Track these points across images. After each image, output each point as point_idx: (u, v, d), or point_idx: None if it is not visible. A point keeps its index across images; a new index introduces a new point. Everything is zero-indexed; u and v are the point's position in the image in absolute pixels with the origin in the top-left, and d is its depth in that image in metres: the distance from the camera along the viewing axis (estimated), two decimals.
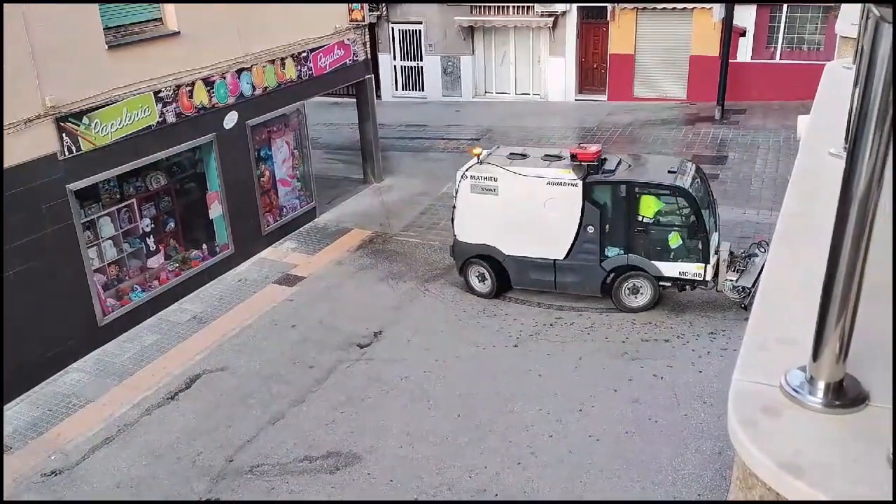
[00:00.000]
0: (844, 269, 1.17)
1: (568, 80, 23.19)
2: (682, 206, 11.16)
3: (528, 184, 11.52)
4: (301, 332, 12.03)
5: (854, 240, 1.14)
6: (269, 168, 15.01)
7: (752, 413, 1.24)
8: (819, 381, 1.25)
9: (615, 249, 11.60)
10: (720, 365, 10.32)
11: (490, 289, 12.42)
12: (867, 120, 1.08)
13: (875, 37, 1.05)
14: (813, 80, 18.78)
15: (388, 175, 18.22)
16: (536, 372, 10.55)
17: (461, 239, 12.35)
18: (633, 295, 11.78)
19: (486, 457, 9.06)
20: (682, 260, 11.29)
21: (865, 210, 1.12)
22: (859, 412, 1.22)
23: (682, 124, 20.29)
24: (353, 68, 16.65)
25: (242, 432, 9.81)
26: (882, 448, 1.14)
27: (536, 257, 11.91)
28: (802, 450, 1.16)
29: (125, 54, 11.56)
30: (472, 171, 11.85)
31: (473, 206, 11.95)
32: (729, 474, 8.48)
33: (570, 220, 11.54)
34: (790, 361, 1.35)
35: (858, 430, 1.19)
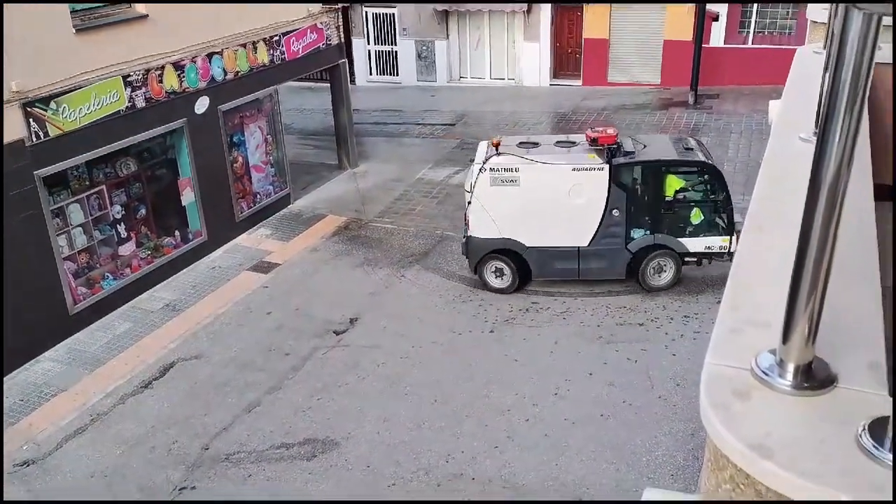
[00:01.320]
0: (814, 253, 1.18)
1: (543, 65, 23.18)
2: (708, 182, 11.39)
3: (553, 172, 11.27)
4: (276, 320, 11.97)
5: (823, 223, 1.15)
6: (242, 154, 14.85)
7: (724, 396, 1.25)
8: (788, 363, 1.26)
9: (640, 231, 11.62)
10: (693, 348, 10.45)
11: (510, 283, 12.06)
12: (837, 104, 1.08)
13: (845, 22, 1.05)
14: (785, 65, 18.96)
15: (363, 161, 18.12)
16: (512, 357, 10.61)
17: (477, 235, 11.78)
18: (658, 274, 11.86)
19: (462, 441, 9.11)
20: (707, 234, 11.47)
21: (835, 194, 1.12)
22: (827, 394, 1.24)
23: (655, 109, 20.40)
24: (326, 52, 16.49)
25: (218, 420, 9.76)
26: (850, 429, 1.15)
27: (560, 246, 11.66)
28: (772, 431, 1.17)
29: (93, 38, 11.34)
30: (490, 163, 11.35)
31: (493, 200, 11.45)
32: (701, 455, 8.61)
33: (596, 205, 11.43)
34: (761, 345, 1.36)
35: (826, 412, 1.21)
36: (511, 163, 11.34)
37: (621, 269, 11.80)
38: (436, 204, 15.74)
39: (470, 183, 11.58)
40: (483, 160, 11.43)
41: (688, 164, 11.47)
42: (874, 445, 1.10)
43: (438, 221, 14.90)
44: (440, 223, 14.83)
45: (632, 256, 11.69)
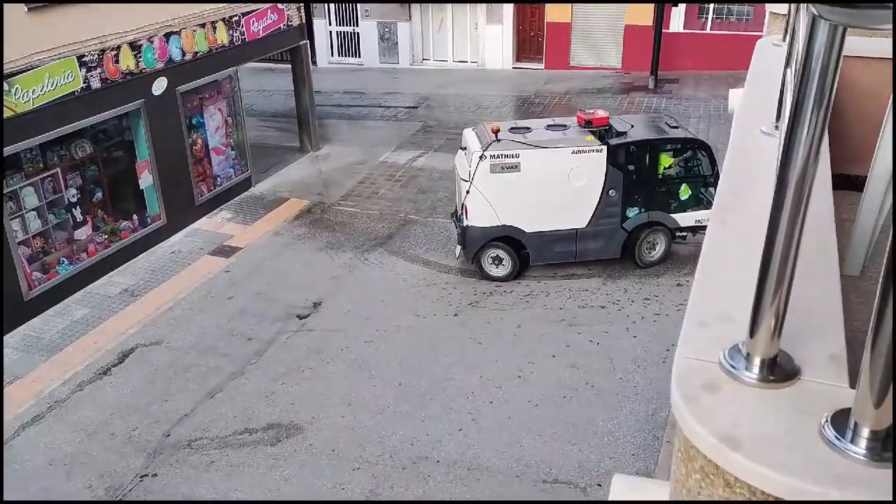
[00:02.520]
0: (780, 251, 1.22)
1: (505, 48, 23.18)
2: (700, 157, 11.70)
3: (553, 156, 11.25)
4: (238, 304, 11.86)
5: (789, 223, 1.19)
6: (201, 136, 14.61)
7: (693, 389, 1.29)
8: (755, 357, 1.31)
9: (635, 209, 11.79)
10: (654, 330, 10.64)
11: (510, 271, 11.97)
12: (803, 111, 1.12)
13: (812, 31, 1.09)
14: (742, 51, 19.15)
15: (325, 143, 17.97)
16: (476, 340, 10.68)
17: (476, 224, 11.58)
18: (650, 250, 12.09)
19: (427, 424, 9.16)
20: (696, 209, 11.79)
21: (801, 196, 1.16)
22: (792, 387, 1.29)
23: (617, 93, 20.56)
24: (287, 33, 16.26)
25: (179, 406, 9.67)
26: (814, 420, 1.20)
27: (559, 229, 11.68)
28: (740, 423, 1.21)
29: (46, 17, 11.01)
30: (490, 150, 11.16)
31: (493, 187, 11.29)
32: (661, 435, 8.82)
33: (594, 186, 11.48)
34: (728, 338, 1.40)
35: (791, 404, 1.25)
36: (511, 149, 11.24)
37: (617, 247, 11.98)
38: (399, 187, 15.70)
39: (469, 171, 11.32)
40: (483, 147, 11.23)
41: (682, 142, 11.75)
42: (836, 437, 1.15)
43: (402, 205, 14.87)
44: (404, 206, 14.80)
45: (627, 235, 11.87)
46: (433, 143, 17.90)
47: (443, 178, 15.86)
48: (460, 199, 11.82)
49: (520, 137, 11.45)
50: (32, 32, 10.76)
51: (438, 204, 14.80)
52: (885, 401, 1.09)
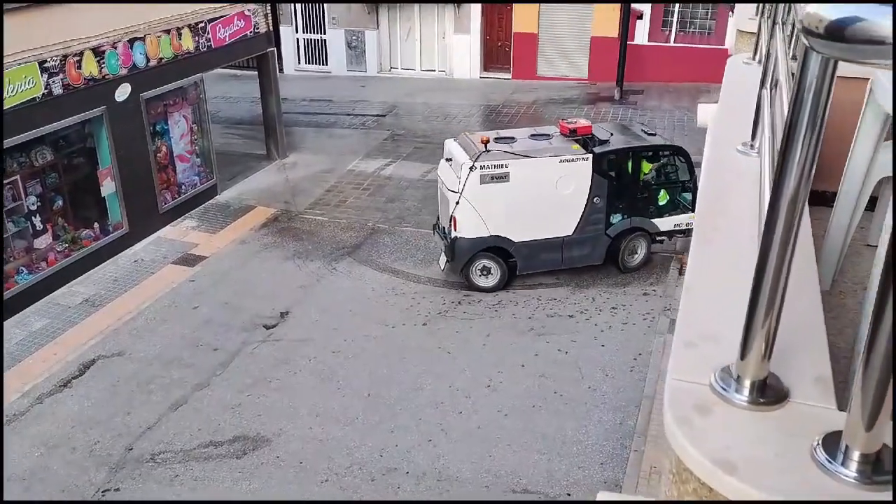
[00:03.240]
0: (771, 274, 1.23)
1: (473, 58, 23.28)
2: (679, 163, 12.00)
3: (542, 165, 11.34)
4: (203, 314, 11.68)
5: (782, 243, 1.20)
6: (165, 143, 14.41)
7: (686, 411, 1.30)
8: (745, 379, 1.32)
9: (618, 216, 11.96)
10: (621, 339, 10.73)
11: (498, 281, 11.93)
12: (797, 128, 1.14)
13: (804, 63, 1.11)
14: (704, 63, 19.46)
15: (293, 151, 17.84)
16: (445, 349, 10.67)
17: (465, 235, 11.52)
18: (632, 255, 12.30)
19: (396, 435, 9.11)
20: (674, 213, 12.12)
21: (793, 213, 1.18)
22: (782, 409, 1.30)
23: (583, 103, 20.78)
24: (254, 40, 16.13)
25: (142, 419, 9.49)
26: (805, 443, 1.21)
27: (546, 238, 11.75)
28: (733, 446, 1.22)
29: (7, 21, 10.75)
30: (480, 161, 11.14)
31: (482, 198, 11.27)
32: (629, 444, 8.89)
33: (580, 194, 11.61)
34: (717, 359, 1.41)
35: (782, 426, 1.26)
36: (501, 159, 11.27)
37: (601, 254, 12.13)
38: (367, 196, 15.65)
39: (457, 182, 11.27)
40: (473, 158, 11.18)
41: (661, 148, 12.05)
42: (828, 459, 1.17)
43: (370, 213, 14.82)
44: (372, 215, 14.75)
45: (611, 241, 12.03)
46: (401, 151, 17.88)
47: (411, 187, 15.86)
48: (446, 210, 11.77)
49: (507, 147, 11.50)
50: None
51: (407, 213, 14.78)
52: (876, 425, 1.10)
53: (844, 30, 0.98)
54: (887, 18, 0.95)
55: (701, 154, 11.17)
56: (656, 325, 10.96)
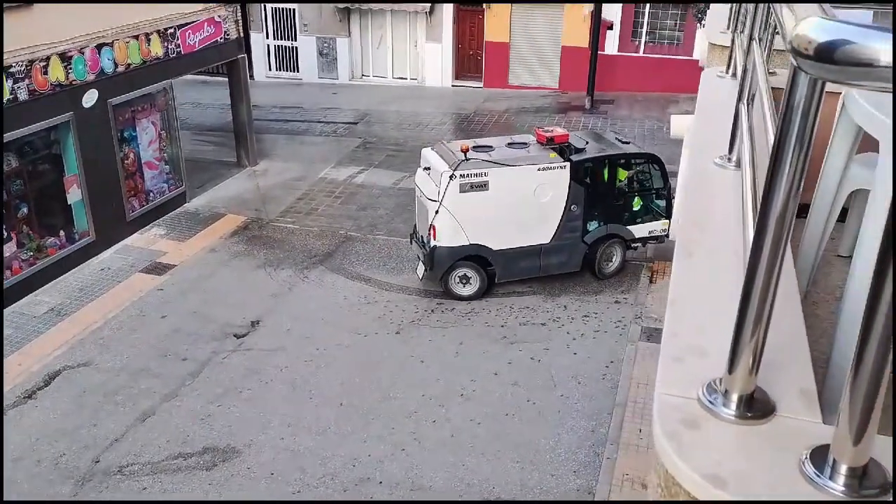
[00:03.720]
0: (760, 288, 1.24)
1: (445, 66, 23.36)
2: (654, 171, 12.15)
3: (521, 173, 11.36)
4: (172, 324, 11.52)
5: (770, 258, 1.22)
6: (133, 150, 14.22)
7: (675, 426, 1.30)
8: (733, 393, 1.33)
9: (595, 223, 12.05)
10: (593, 346, 10.80)
11: (477, 289, 11.92)
12: (786, 145, 1.16)
13: (792, 84, 1.13)
14: (673, 74, 19.72)
15: (263, 158, 17.71)
16: (418, 358, 10.64)
17: (444, 244, 11.49)
18: (608, 262, 12.40)
19: (369, 445, 9.06)
20: (648, 220, 12.26)
21: (782, 229, 1.19)
22: (769, 423, 1.31)
23: (554, 112, 20.94)
24: (224, 47, 16.00)
25: (109, 431, 9.31)
26: (793, 457, 1.23)
27: (524, 246, 11.77)
28: (722, 461, 1.23)
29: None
30: (460, 169, 11.12)
31: (461, 207, 11.26)
32: (601, 451, 8.94)
33: (558, 202, 11.67)
34: (704, 373, 1.42)
35: (770, 441, 1.28)
36: (480, 167, 11.27)
37: (578, 261, 12.22)
38: (339, 204, 15.58)
39: (437, 191, 11.24)
40: (453, 167, 11.15)
41: (637, 156, 12.19)
42: (816, 473, 1.18)
43: (342, 221, 14.76)
44: (344, 223, 14.69)
45: (587, 248, 12.12)
46: (373, 159, 17.85)
47: (383, 195, 15.83)
48: (425, 219, 11.73)
49: (485, 156, 11.51)
50: None
51: (379, 221, 14.74)
52: (864, 439, 1.12)
53: (834, 52, 1.00)
54: (876, 42, 0.97)
55: (672, 162, 11.36)
56: (628, 333, 11.05)
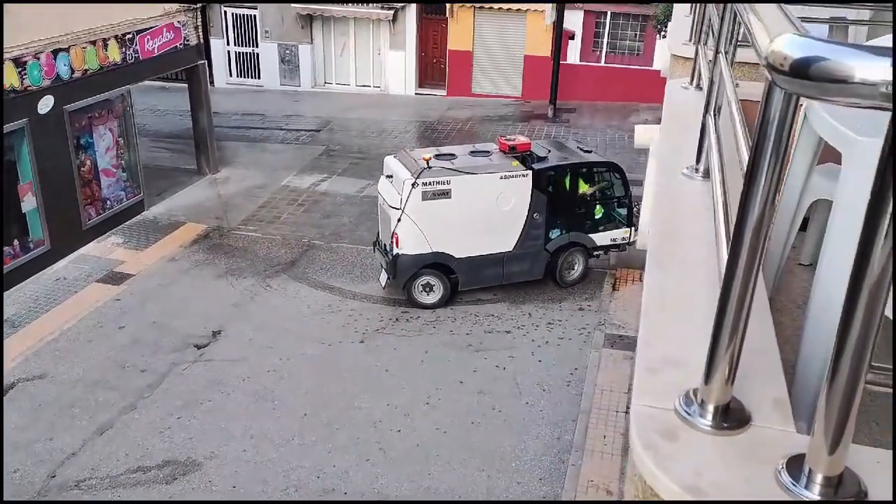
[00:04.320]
0: (736, 300, 1.26)
1: (408, 74, 23.37)
2: (615, 179, 12.24)
3: (483, 181, 11.39)
4: (130, 334, 11.29)
5: (745, 270, 1.23)
6: (90, 157, 13.93)
7: (653, 437, 1.31)
8: (709, 404, 1.34)
9: (557, 231, 12.10)
10: (558, 354, 10.86)
11: (440, 297, 11.92)
12: (761, 158, 1.18)
13: (768, 98, 1.15)
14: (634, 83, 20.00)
15: (224, 166, 17.49)
16: (383, 367, 10.59)
17: (407, 252, 11.47)
18: (570, 270, 12.45)
19: (334, 456, 8.98)
20: (611, 228, 12.35)
21: (758, 241, 1.21)
22: (745, 433, 1.33)
23: (517, 121, 21.09)
24: (184, 53, 15.79)
25: (66, 445, 9.08)
26: (769, 466, 1.24)
27: (487, 254, 11.78)
28: (701, 472, 1.24)
29: None
30: (422, 177, 11.11)
31: (424, 215, 11.25)
32: (567, 458, 8.98)
33: (520, 210, 11.69)
34: (680, 384, 1.44)
35: (746, 450, 1.29)
36: (443, 175, 11.27)
37: (541, 269, 12.27)
38: (302, 212, 15.45)
39: (399, 199, 11.21)
40: (415, 175, 11.14)
41: (598, 165, 12.29)
42: (792, 482, 1.20)
43: (305, 230, 14.64)
44: (307, 231, 14.57)
45: (550, 256, 12.18)
46: (337, 167, 17.76)
47: (347, 203, 15.75)
48: (387, 227, 11.68)
49: (448, 164, 11.53)
50: None
51: (343, 229, 14.66)
52: (839, 449, 1.14)
53: (809, 68, 1.02)
54: (850, 58, 0.99)
55: (632, 171, 11.54)
56: (591, 340, 11.14)
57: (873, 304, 1.06)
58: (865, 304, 1.06)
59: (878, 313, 1.07)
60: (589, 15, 22.02)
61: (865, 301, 1.06)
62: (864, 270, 1.05)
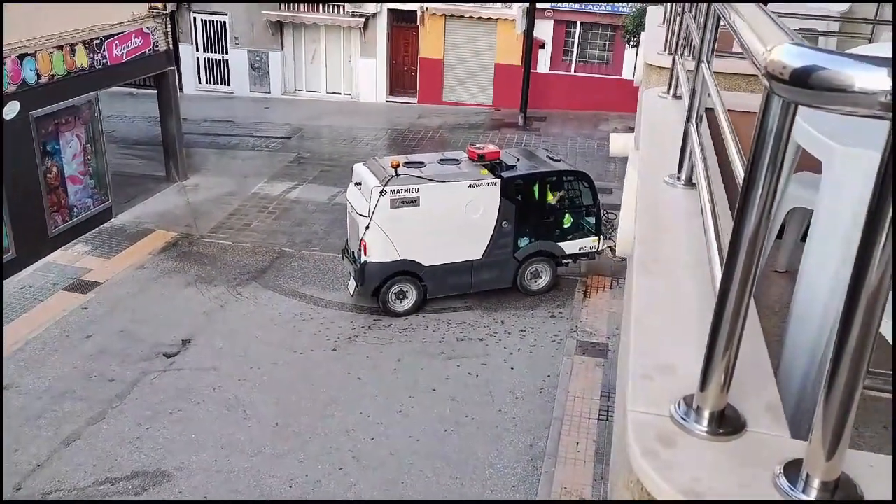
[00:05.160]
0: (732, 307, 1.27)
1: (379, 82, 23.36)
2: (583, 188, 12.29)
3: (451, 189, 11.38)
4: (98, 344, 11.09)
5: (742, 278, 1.25)
6: (56, 163, 13.69)
7: (651, 443, 1.31)
8: (705, 410, 1.35)
9: (525, 239, 12.11)
10: (530, 361, 10.89)
11: (412, 305, 11.91)
12: (759, 168, 1.19)
13: (766, 106, 1.17)
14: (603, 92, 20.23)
15: (194, 173, 17.29)
16: (356, 375, 10.53)
17: (375, 260, 11.40)
18: (535, 279, 12.43)
19: (306, 465, 8.89)
20: (579, 237, 12.40)
21: (754, 250, 1.22)
22: (740, 439, 1.34)
23: (488, 129, 21.17)
24: (153, 59, 15.61)
25: (31, 456, 8.89)
26: (766, 472, 1.25)
27: (456, 261, 11.78)
28: (700, 477, 1.25)
29: None
30: (391, 185, 11.08)
31: (392, 222, 11.21)
32: (540, 465, 9.00)
33: (489, 218, 11.71)
34: (674, 389, 1.45)
35: (743, 456, 1.30)
36: (411, 183, 11.24)
37: (510, 277, 12.31)
38: (273, 219, 15.34)
39: (367, 207, 11.15)
40: (383, 182, 11.10)
41: (567, 174, 12.35)
42: (790, 487, 1.21)
43: (276, 237, 14.53)
44: (278, 239, 14.46)
45: (519, 265, 12.21)
46: (308, 174, 17.66)
47: (318, 211, 15.66)
48: (356, 235, 11.62)
49: (417, 171, 11.52)
50: None
51: (314, 236, 14.57)
52: (836, 454, 1.15)
53: (808, 77, 1.03)
54: (848, 67, 1.01)
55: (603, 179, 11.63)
56: (563, 348, 11.19)
57: (871, 311, 1.08)
58: (863, 310, 1.08)
59: (875, 319, 1.08)
60: (559, 24, 22.23)
61: (863, 308, 1.08)
62: (863, 278, 1.06)
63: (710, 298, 1.50)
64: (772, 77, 1.07)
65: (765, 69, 1.09)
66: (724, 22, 1.77)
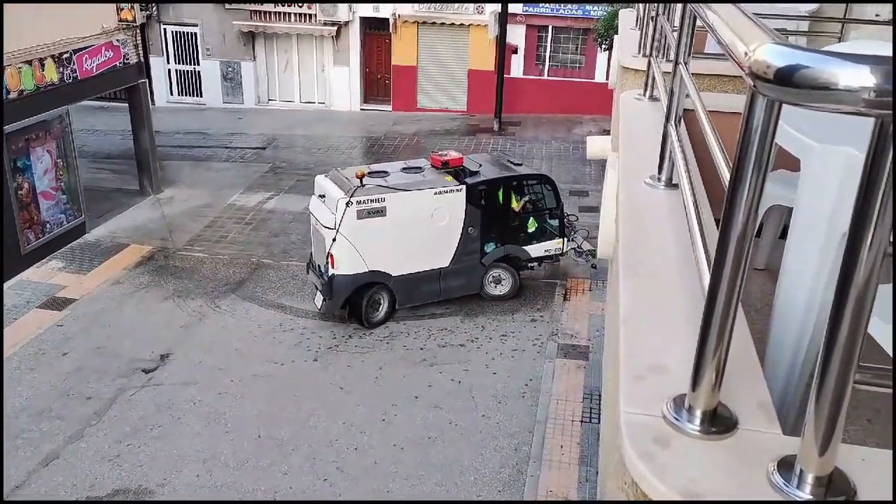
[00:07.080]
0: (721, 307, 1.28)
1: (353, 90, 23.32)
2: (546, 192, 12.35)
3: (417, 198, 11.33)
4: (74, 361, 10.93)
5: (731, 277, 1.25)
6: (27, 180, 13.49)
7: (646, 444, 1.31)
8: (697, 409, 1.36)
9: (492, 244, 12.13)
10: (512, 365, 10.90)
11: (387, 311, 11.88)
12: (745, 168, 1.21)
13: (751, 106, 1.18)
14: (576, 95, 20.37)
15: (168, 186, 17.13)
16: (338, 385, 10.47)
17: (343, 272, 11.25)
18: (497, 284, 12.42)
19: (290, 477, 8.82)
20: (543, 240, 12.43)
21: (742, 248, 1.23)
22: (733, 437, 1.35)
23: (464, 134, 21.22)
24: (124, 72, 15.45)
25: (9, 477, 8.74)
26: (760, 469, 1.26)
27: (424, 270, 11.73)
28: (695, 476, 1.25)
29: None
30: (356, 196, 10.97)
31: (359, 234, 11.08)
32: (525, 469, 9.00)
33: (455, 225, 11.71)
34: (667, 390, 1.45)
35: (737, 455, 1.31)
36: (377, 193, 11.16)
37: (478, 283, 12.31)
38: (250, 230, 15.23)
39: (333, 219, 11.04)
40: (349, 193, 10.99)
41: (530, 178, 12.41)
42: (784, 483, 1.22)
43: (253, 248, 14.42)
44: (255, 250, 14.36)
45: (486, 270, 12.23)
46: (283, 184, 17.57)
47: (295, 221, 15.58)
48: (321, 248, 11.52)
49: (382, 181, 11.45)
50: None
51: (292, 247, 14.49)
52: (829, 449, 1.16)
53: (793, 76, 1.04)
54: (832, 66, 1.02)
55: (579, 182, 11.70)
56: (545, 351, 11.22)
57: (860, 306, 1.09)
58: (853, 306, 1.09)
59: (865, 314, 1.09)
60: (531, 29, 22.36)
61: (853, 303, 1.09)
62: (851, 273, 1.07)
63: (698, 297, 1.51)
64: (756, 77, 1.08)
65: (749, 69, 1.10)
66: (702, 23, 1.79)
